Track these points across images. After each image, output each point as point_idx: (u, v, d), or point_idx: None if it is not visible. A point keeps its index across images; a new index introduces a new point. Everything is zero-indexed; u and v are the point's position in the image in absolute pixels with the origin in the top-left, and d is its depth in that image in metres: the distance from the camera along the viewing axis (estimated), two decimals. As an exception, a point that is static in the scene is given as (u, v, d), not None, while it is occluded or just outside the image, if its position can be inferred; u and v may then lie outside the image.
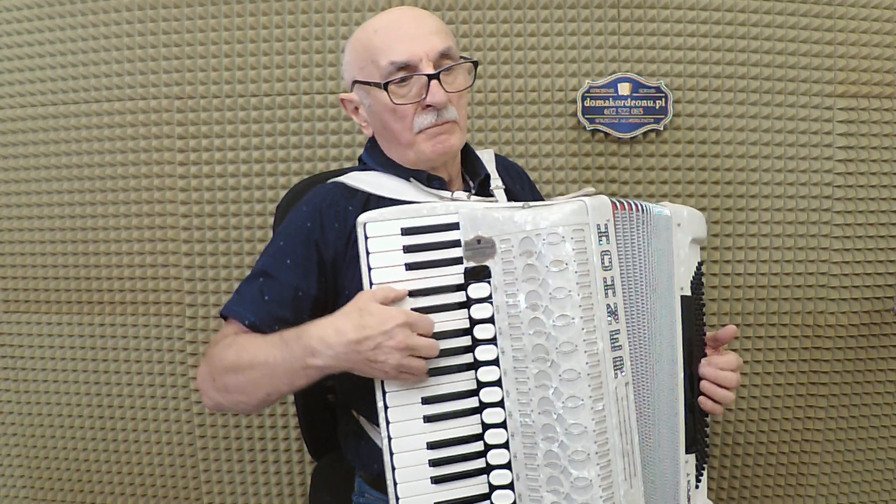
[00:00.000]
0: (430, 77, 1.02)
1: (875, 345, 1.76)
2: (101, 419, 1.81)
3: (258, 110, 1.70)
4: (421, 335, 0.90)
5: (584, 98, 1.67)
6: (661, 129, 1.69)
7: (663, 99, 1.67)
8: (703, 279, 1.10)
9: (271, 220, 1.68)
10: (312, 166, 1.71)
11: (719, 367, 1.04)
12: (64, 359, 1.81)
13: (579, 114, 1.68)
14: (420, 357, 0.90)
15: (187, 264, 1.74)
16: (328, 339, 0.90)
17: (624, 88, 1.68)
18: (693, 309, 1.05)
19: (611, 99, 1.68)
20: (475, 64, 1.10)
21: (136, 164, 1.73)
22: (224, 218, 1.73)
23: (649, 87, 1.67)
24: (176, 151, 1.72)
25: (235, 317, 1.03)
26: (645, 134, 1.70)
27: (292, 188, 1.44)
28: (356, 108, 1.13)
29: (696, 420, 1.04)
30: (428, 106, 1.03)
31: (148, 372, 1.78)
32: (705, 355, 1.07)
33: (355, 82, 1.09)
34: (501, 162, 1.27)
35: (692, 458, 1.04)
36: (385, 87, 1.02)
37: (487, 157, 1.21)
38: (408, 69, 1.02)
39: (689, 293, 1.04)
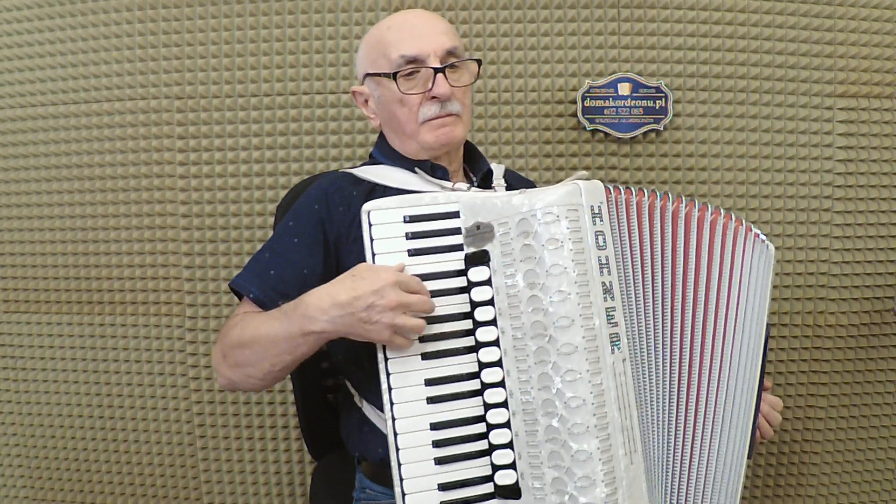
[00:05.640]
0: (437, 70, 1.10)
1: (875, 345, 1.76)
2: (101, 419, 1.81)
3: (258, 110, 1.70)
4: (413, 293, 0.93)
5: (584, 98, 1.67)
6: (661, 129, 1.69)
7: (663, 99, 1.67)
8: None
9: (271, 220, 1.68)
10: (312, 166, 1.71)
11: (770, 404, 1.13)
12: (64, 359, 1.81)
13: (579, 114, 1.68)
14: (416, 317, 0.93)
15: (187, 264, 1.74)
16: (322, 304, 0.94)
17: (624, 88, 1.68)
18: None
19: (611, 99, 1.68)
20: (479, 62, 1.18)
21: (136, 164, 1.73)
22: (224, 218, 1.73)
23: (649, 87, 1.67)
24: (176, 151, 1.72)
25: (241, 290, 1.09)
26: (645, 134, 1.70)
27: (292, 188, 1.44)
28: (366, 101, 1.20)
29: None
30: (433, 98, 1.11)
31: (148, 372, 1.78)
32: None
33: (367, 75, 1.17)
34: (513, 175, 1.34)
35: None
36: (394, 76, 1.10)
37: (496, 166, 1.25)
38: (416, 63, 1.10)
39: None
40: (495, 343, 0.95)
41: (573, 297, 0.90)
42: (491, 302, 0.95)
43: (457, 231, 0.97)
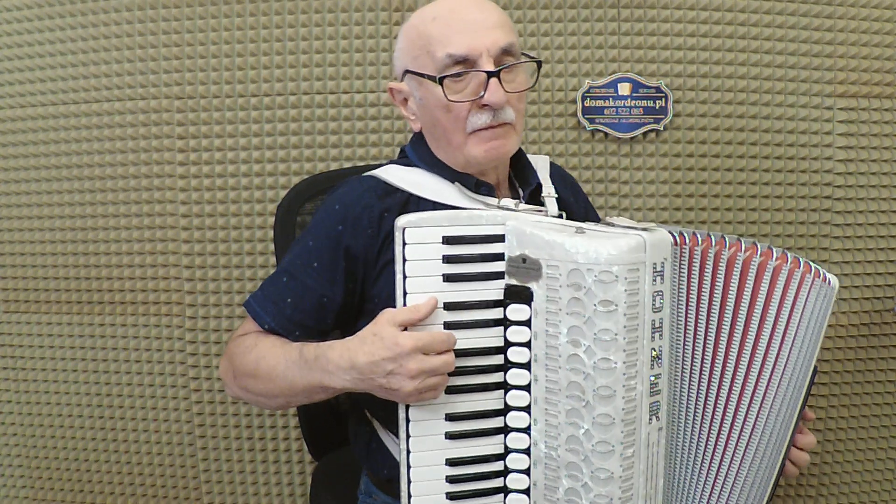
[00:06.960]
0: (490, 74, 0.95)
1: (875, 345, 1.76)
2: (101, 419, 1.81)
3: (258, 110, 1.69)
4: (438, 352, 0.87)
5: (584, 98, 1.67)
6: (661, 129, 1.69)
7: (663, 99, 1.67)
8: None
9: (271, 220, 1.68)
10: (312, 166, 1.71)
11: (799, 446, 1.03)
12: (64, 359, 1.81)
13: (579, 114, 1.68)
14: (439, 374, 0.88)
15: (187, 264, 1.74)
16: (342, 362, 0.89)
17: (624, 88, 1.68)
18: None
19: (611, 99, 1.68)
20: (539, 64, 1.04)
21: (136, 164, 1.73)
22: (224, 218, 1.73)
23: (649, 87, 1.67)
24: (176, 151, 1.72)
25: (256, 319, 1.01)
26: (645, 134, 1.70)
27: (292, 188, 1.44)
28: (405, 100, 1.05)
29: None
30: (484, 105, 0.96)
31: (148, 372, 1.78)
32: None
33: (407, 72, 1.02)
34: (557, 171, 1.22)
35: None
36: (440, 81, 0.96)
37: (541, 164, 1.15)
38: (466, 64, 0.95)
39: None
40: (526, 388, 0.89)
41: (619, 368, 0.83)
42: (528, 345, 0.88)
43: (499, 257, 0.89)
